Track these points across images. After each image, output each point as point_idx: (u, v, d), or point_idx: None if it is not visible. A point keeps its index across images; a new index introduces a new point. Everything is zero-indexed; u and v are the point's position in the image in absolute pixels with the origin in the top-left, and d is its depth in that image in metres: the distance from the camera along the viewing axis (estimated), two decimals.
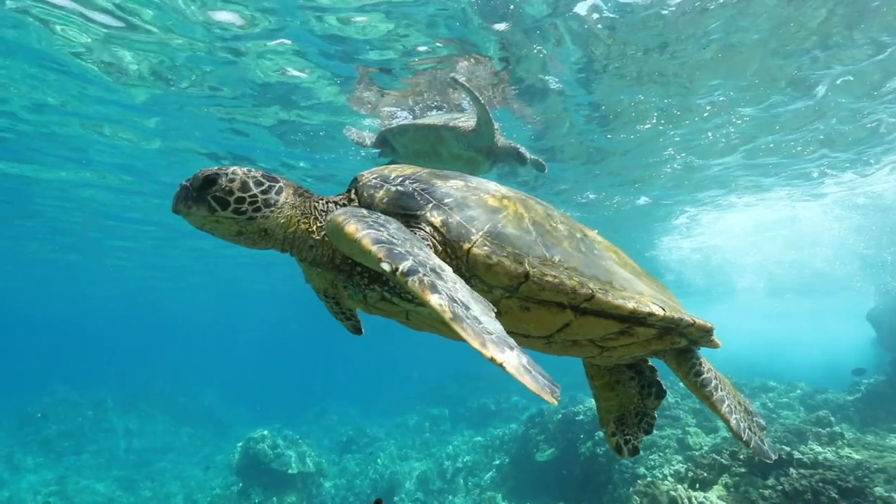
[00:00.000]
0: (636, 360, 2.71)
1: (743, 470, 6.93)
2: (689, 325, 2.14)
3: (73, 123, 9.25)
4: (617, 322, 2.00)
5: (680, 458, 10.15)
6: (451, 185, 1.98)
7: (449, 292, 1.37)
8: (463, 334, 1.25)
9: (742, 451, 7.26)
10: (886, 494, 6.54)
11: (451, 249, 1.80)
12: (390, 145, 6.74)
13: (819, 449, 8.34)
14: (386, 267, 1.42)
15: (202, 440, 25.44)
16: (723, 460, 7.19)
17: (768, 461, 2.51)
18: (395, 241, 1.55)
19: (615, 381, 2.74)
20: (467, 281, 1.81)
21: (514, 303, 1.86)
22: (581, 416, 13.58)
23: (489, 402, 25.55)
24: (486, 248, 1.77)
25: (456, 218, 1.83)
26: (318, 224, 1.97)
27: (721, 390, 2.46)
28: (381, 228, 1.62)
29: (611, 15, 6.01)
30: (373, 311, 2.17)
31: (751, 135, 10.65)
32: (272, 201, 1.86)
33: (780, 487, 6.51)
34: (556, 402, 1.16)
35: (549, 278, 1.78)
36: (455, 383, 33.09)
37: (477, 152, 5.90)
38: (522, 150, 5.86)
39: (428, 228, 1.81)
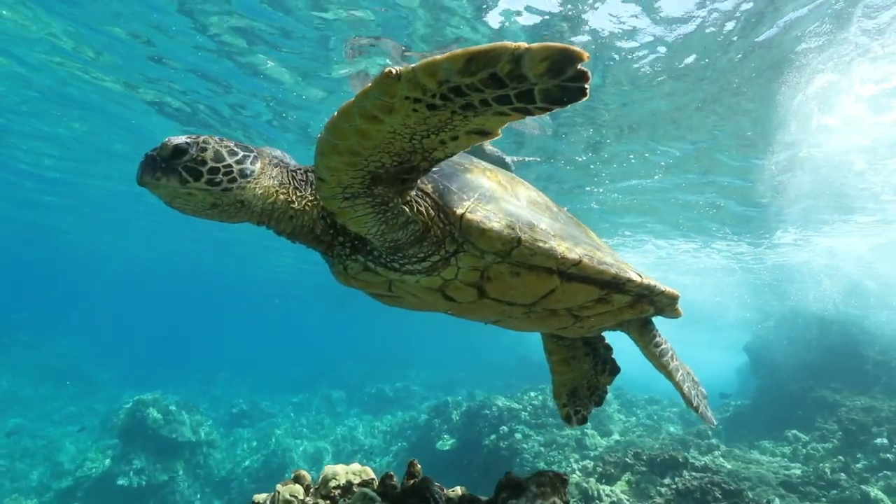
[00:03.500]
0: (597, 335, 2.89)
1: (644, 469, 7.65)
2: (660, 292, 2.32)
3: None
4: (598, 288, 2.11)
5: (577, 456, 10.94)
6: None
7: None
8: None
9: (644, 453, 8.00)
10: (756, 499, 7.53)
11: (444, 215, 1.81)
12: None
13: (700, 457, 9.36)
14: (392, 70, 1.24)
15: (67, 399, 23.09)
16: (627, 459, 7.88)
17: (711, 426, 2.85)
18: None
19: (571, 357, 2.93)
20: (459, 247, 1.85)
21: (505, 268, 1.90)
22: (486, 411, 14.11)
23: (387, 389, 25.67)
24: (479, 213, 1.78)
25: (446, 185, 1.85)
26: (298, 194, 1.90)
27: (675, 360, 2.75)
28: None
29: None
30: (352, 283, 2.13)
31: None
32: (248, 171, 1.76)
33: (674, 486, 7.27)
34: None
35: (540, 243, 1.83)
36: (354, 367, 32.89)
37: None
38: (508, 160, 6.09)
39: (419, 194, 1.80)
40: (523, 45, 1.08)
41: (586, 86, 1.11)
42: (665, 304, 2.47)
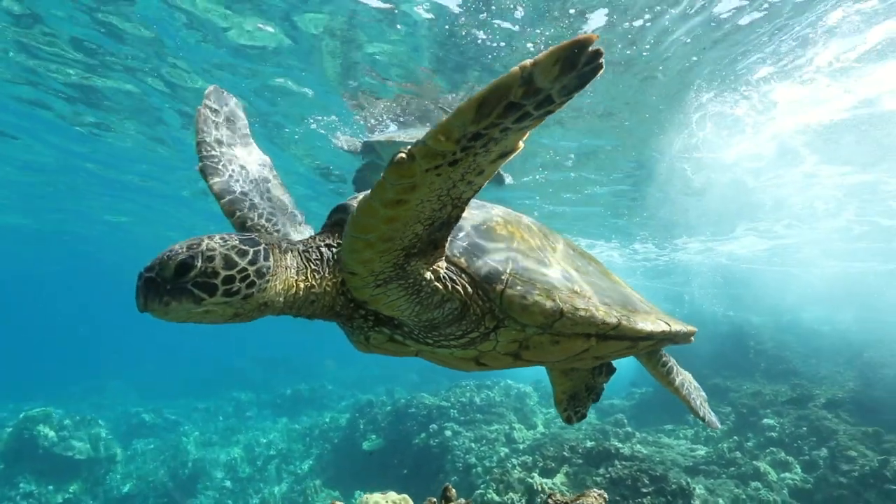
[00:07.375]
0: None
1: (580, 461, 8.14)
2: (685, 334, 2.32)
3: None
4: (630, 341, 2.09)
5: (507, 450, 11.34)
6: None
7: None
8: None
9: (580, 446, 8.51)
10: (676, 480, 8.28)
11: (483, 291, 1.71)
12: (376, 152, 7.15)
13: (621, 445, 10.10)
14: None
15: None
16: (564, 453, 8.34)
17: (716, 429, 3.05)
18: None
19: (570, 369, 2.97)
20: (499, 322, 1.77)
21: (546, 339, 1.85)
22: (413, 410, 14.20)
23: (303, 390, 24.88)
24: (518, 287, 1.69)
25: (479, 256, 1.73)
26: (317, 276, 1.75)
27: (679, 375, 2.88)
28: None
29: None
30: (375, 351, 2.03)
31: None
32: (265, 269, 1.58)
33: (608, 475, 7.81)
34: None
35: (582, 312, 1.77)
36: (256, 367, 31.50)
37: None
38: (504, 174, 6.20)
39: (453, 270, 1.69)
40: (528, 62, 1.00)
41: (601, 61, 1.03)
42: (682, 339, 2.50)
